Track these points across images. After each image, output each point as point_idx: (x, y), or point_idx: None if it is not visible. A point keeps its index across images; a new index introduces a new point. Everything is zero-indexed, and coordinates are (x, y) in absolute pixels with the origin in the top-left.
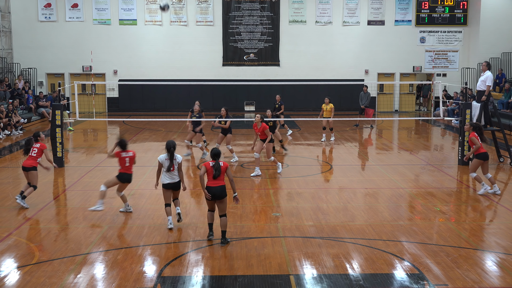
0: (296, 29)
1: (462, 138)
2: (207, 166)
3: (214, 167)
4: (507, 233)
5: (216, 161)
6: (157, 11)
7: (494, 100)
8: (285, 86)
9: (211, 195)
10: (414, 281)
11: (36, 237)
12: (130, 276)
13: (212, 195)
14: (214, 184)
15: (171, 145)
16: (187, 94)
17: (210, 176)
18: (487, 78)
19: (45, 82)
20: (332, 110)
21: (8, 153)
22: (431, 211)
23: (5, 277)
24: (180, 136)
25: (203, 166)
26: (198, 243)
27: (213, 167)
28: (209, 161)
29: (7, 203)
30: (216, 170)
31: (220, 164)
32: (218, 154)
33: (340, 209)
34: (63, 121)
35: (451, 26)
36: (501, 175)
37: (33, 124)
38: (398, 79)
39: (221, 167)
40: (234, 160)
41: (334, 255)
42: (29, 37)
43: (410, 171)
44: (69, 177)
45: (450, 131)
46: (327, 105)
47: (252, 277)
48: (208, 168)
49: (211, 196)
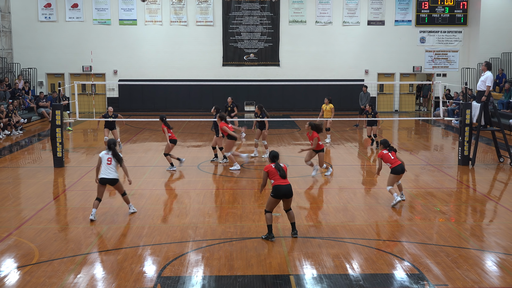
0: (296, 29)
1: (462, 138)
2: (270, 168)
3: (277, 167)
4: (507, 233)
5: (276, 163)
6: (157, 11)
7: (494, 100)
8: (285, 86)
9: (282, 193)
10: (414, 281)
11: (36, 237)
12: (130, 276)
13: (283, 193)
14: (283, 183)
15: (111, 142)
16: (187, 94)
17: (276, 176)
18: (487, 78)
19: (45, 82)
20: (332, 110)
21: (8, 153)
22: (431, 211)
23: (5, 277)
24: (180, 136)
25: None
26: (198, 243)
27: (276, 167)
28: (271, 164)
29: (7, 203)
30: (280, 170)
31: (281, 165)
32: (277, 156)
33: (340, 209)
34: (63, 121)
35: (451, 26)
36: (501, 175)
37: (33, 124)
38: (398, 79)
39: (283, 168)
40: (266, 156)
41: (334, 255)
42: (29, 37)
43: (410, 171)
44: (69, 177)
45: (450, 131)
46: (327, 105)
47: (252, 277)
48: (272, 170)
49: (282, 194)
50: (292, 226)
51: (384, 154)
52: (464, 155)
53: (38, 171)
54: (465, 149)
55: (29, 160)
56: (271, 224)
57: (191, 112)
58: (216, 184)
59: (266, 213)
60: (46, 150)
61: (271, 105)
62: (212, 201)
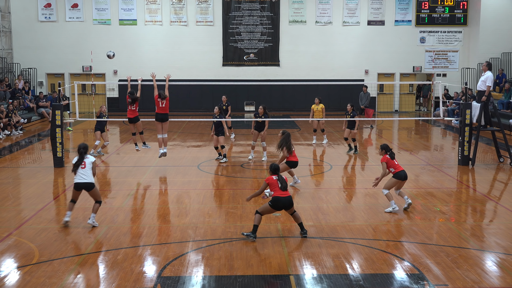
0: (296, 29)
1: (462, 138)
2: (271, 180)
3: (279, 179)
4: (507, 233)
5: (278, 175)
6: (157, 11)
7: (494, 100)
8: (285, 86)
9: (282, 205)
10: (414, 281)
11: (36, 237)
12: (130, 276)
13: (282, 205)
14: (284, 194)
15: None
16: (187, 94)
17: (277, 188)
18: (488, 78)
19: (45, 82)
20: (323, 110)
21: (8, 153)
22: (431, 211)
23: (5, 277)
24: (180, 136)
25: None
26: (198, 243)
27: (278, 180)
28: (272, 176)
29: (7, 203)
30: (282, 182)
31: (283, 177)
32: (278, 168)
33: (340, 209)
34: (63, 121)
35: (451, 26)
36: (501, 175)
37: (33, 124)
38: (398, 79)
39: (285, 179)
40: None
41: (334, 255)
42: (29, 37)
43: (410, 171)
44: (69, 177)
45: (450, 131)
46: (317, 105)
47: (252, 277)
48: (273, 181)
49: (281, 206)
50: (300, 226)
51: (389, 158)
52: (464, 155)
53: (38, 171)
54: (465, 149)
55: (29, 160)
56: (258, 225)
57: (191, 112)
58: (216, 184)
59: (256, 214)
60: (46, 150)
61: (271, 105)
62: (212, 201)
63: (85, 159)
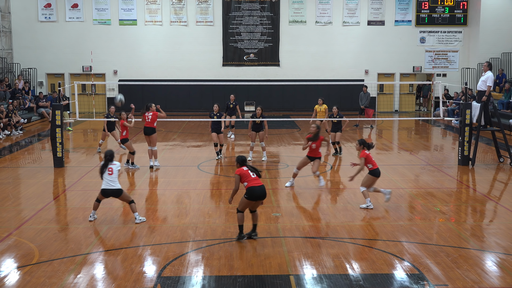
0: (296, 29)
1: (462, 138)
2: (241, 170)
3: (250, 168)
4: (507, 233)
5: (247, 165)
6: (157, 11)
7: (494, 100)
8: (285, 86)
9: (258, 195)
10: (414, 281)
11: (36, 237)
12: (130, 276)
13: (258, 194)
14: (257, 184)
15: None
16: (187, 94)
17: (249, 178)
18: (488, 78)
19: (45, 82)
20: (326, 111)
21: (8, 153)
22: (431, 211)
23: (5, 277)
24: (180, 136)
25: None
26: (198, 243)
27: (249, 170)
28: (241, 167)
29: (7, 203)
30: (254, 170)
31: (253, 166)
32: (245, 160)
33: (340, 209)
34: (63, 121)
35: (451, 26)
36: (501, 175)
37: (33, 124)
38: (398, 79)
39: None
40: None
41: (334, 255)
42: (29, 37)
43: (410, 171)
44: (69, 177)
45: (450, 131)
46: (320, 106)
47: (252, 277)
48: (244, 172)
49: (258, 196)
50: (254, 227)
51: (368, 154)
52: (464, 155)
53: (38, 171)
54: (465, 149)
55: (29, 160)
56: (242, 225)
57: (191, 112)
58: (216, 184)
59: (238, 213)
60: (46, 150)
61: (271, 105)
62: (212, 201)
63: (111, 165)
